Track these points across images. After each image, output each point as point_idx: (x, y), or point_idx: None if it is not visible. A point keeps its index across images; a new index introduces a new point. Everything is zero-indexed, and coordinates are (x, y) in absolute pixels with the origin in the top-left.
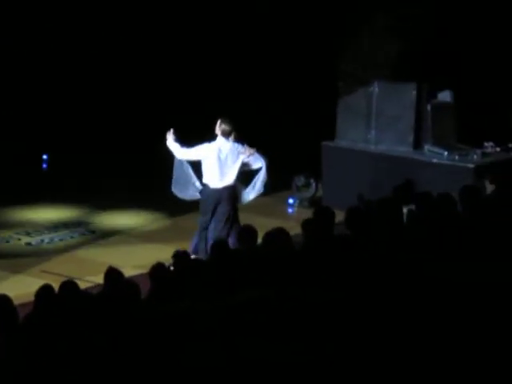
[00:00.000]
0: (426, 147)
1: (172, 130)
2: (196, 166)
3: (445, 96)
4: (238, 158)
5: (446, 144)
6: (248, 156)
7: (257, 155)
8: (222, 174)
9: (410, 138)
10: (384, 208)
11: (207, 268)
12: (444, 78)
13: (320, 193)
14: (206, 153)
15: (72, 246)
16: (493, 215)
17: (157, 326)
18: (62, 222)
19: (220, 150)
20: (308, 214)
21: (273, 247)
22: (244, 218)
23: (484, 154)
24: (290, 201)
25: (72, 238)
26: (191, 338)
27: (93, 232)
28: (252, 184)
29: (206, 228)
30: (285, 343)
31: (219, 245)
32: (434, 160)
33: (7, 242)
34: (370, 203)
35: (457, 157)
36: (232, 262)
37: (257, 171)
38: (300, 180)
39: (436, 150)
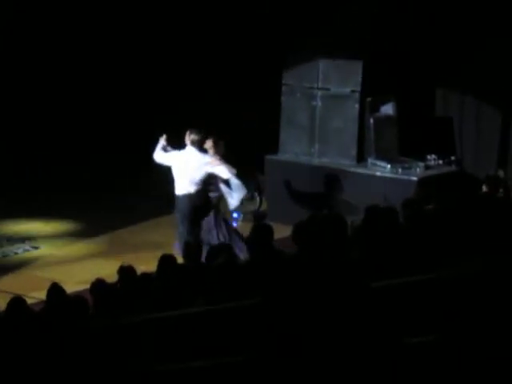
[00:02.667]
0: (369, 160)
1: (165, 136)
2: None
3: (387, 109)
4: (203, 167)
5: (389, 157)
6: (214, 167)
7: (223, 167)
8: (189, 181)
9: (353, 151)
10: (328, 222)
11: (153, 282)
12: (386, 90)
13: (264, 206)
14: (173, 160)
15: (16, 263)
16: (433, 227)
17: (100, 339)
18: (5, 237)
19: (185, 159)
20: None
21: (217, 261)
22: None
23: (427, 167)
24: (235, 215)
25: (16, 254)
26: (132, 351)
27: (36, 248)
28: (232, 191)
29: (195, 234)
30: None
31: (166, 259)
32: (377, 173)
33: None
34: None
35: (400, 170)
36: (178, 276)
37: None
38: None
39: (379, 163)
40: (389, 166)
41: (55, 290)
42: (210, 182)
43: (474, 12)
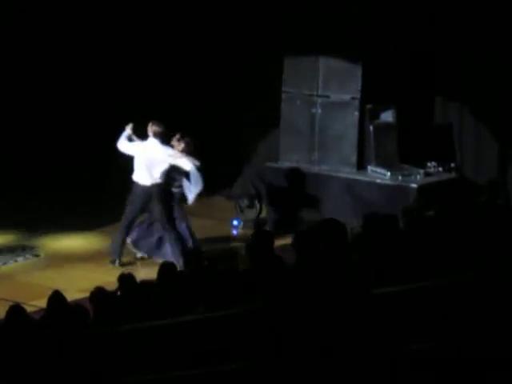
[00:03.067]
0: (369, 168)
1: (131, 125)
2: None
3: (387, 116)
4: (165, 159)
5: (389, 164)
6: (175, 159)
7: (185, 160)
8: (149, 172)
9: (353, 159)
10: (329, 229)
11: (154, 290)
12: (386, 97)
13: (264, 214)
14: (136, 150)
15: (16, 270)
16: (433, 234)
17: (100, 347)
18: (6, 246)
19: (149, 150)
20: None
21: (219, 269)
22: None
23: (427, 174)
24: (235, 222)
25: (16, 262)
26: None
27: (37, 256)
28: (191, 184)
29: (131, 221)
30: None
31: (166, 267)
32: (378, 180)
33: None
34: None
35: (400, 177)
36: (179, 283)
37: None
38: (244, 201)
39: (379, 170)
40: (389, 173)
41: (56, 297)
42: (173, 176)
43: (475, 19)
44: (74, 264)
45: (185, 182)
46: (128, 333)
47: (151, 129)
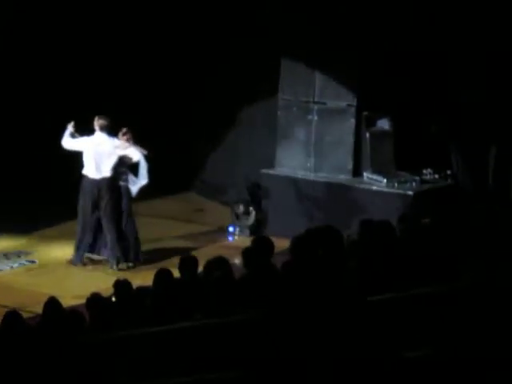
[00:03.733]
0: (365, 175)
1: (73, 123)
2: None
3: (383, 123)
4: (114, 151)
5: (385, 171)
6: (124, 149)
7: (133, 149)
8: (98, 165)
9: (350, 166)
10: (325, 235)
11: (150, 296)
12: (382, 104)
13: (260, 220)
14: (84, 145)
15: (12, 277)
16: (430, 242)
17: (95, 353)
18: (2, 252)
19: (97, 143)
20: (248, 242)
21: (213, 275)
22: (184, 246)
23: (423, 181)
24: (230, 229)
25: (12, 268)
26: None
27: (33, 262)
28: (137, 177)
29: (87, 219)
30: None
31: (162, 273)
32: (374, 187)
33: None
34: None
35: (396, 184)
36: (174, 290)
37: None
38: (239, 208)
39: (375, 177)
40: (385, 180)
41: (52, 304)
42: (120, 170)
43: (465, 30)
44: (69, 270)
45: (130, 176)
46: (124, 339)
47: (97, 123)
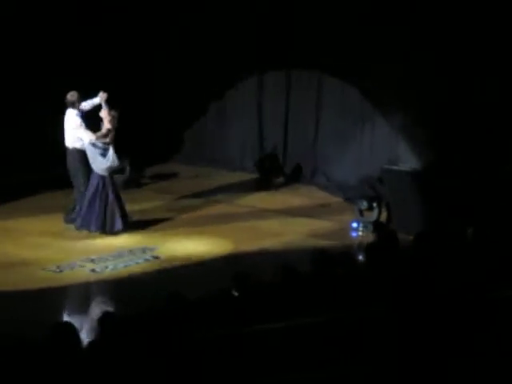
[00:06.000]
0: None
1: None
2: None
3: None
4: (74, 128)
5: None
6: (77, 130)
7: (84, 133)
8: (68, 137)
9: None
10: (447, 231)
11: (273, 291)
12: None
13: (384, 216)
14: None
15: (136, 272)
16: None
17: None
18: (127, 248)
19: (67, 119)
20: (372, 237)
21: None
22: (309, 243)
23: None
24: (354, 225)
25: (137, 263)
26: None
27: (156, 257)
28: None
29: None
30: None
31: (287, 269)
32: None
33: (72, 268)
34: None
35: None
36: (300, 285)
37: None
38: (363, 204)
39: None
40: None
41: (176, 298)
42: (97, 145)
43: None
44: (191, 266)
45: (110, 152)
46: (260, 332)
47: (66, 98)
